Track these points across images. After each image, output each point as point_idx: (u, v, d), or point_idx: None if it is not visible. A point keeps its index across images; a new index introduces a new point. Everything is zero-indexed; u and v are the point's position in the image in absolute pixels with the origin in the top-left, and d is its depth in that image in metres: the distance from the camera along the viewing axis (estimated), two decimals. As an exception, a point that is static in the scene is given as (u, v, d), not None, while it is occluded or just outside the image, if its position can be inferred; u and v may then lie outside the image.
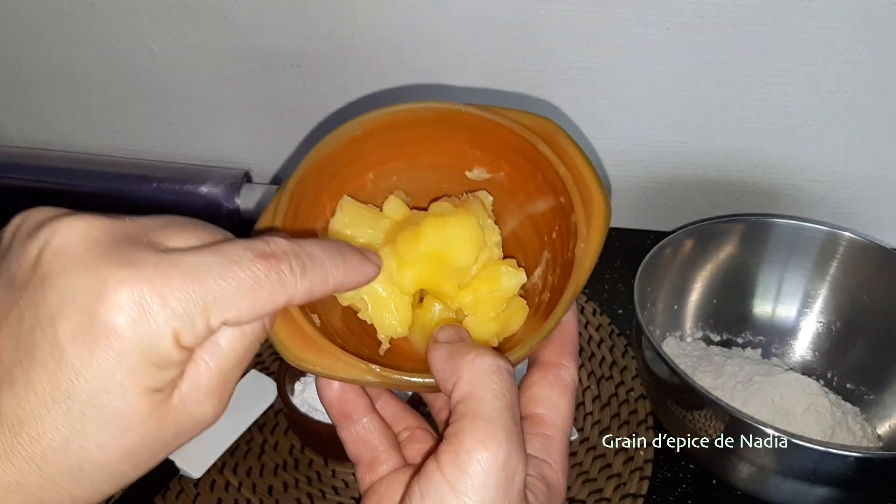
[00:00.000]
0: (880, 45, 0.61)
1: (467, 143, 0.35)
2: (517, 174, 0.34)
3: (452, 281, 0.32)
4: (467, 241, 0.32)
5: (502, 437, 0.24)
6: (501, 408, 0.24)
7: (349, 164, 0.34)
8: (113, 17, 0.68)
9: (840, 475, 0.45)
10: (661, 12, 0.61)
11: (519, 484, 0.24)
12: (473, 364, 0.25)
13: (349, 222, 0.33)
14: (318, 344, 0.28)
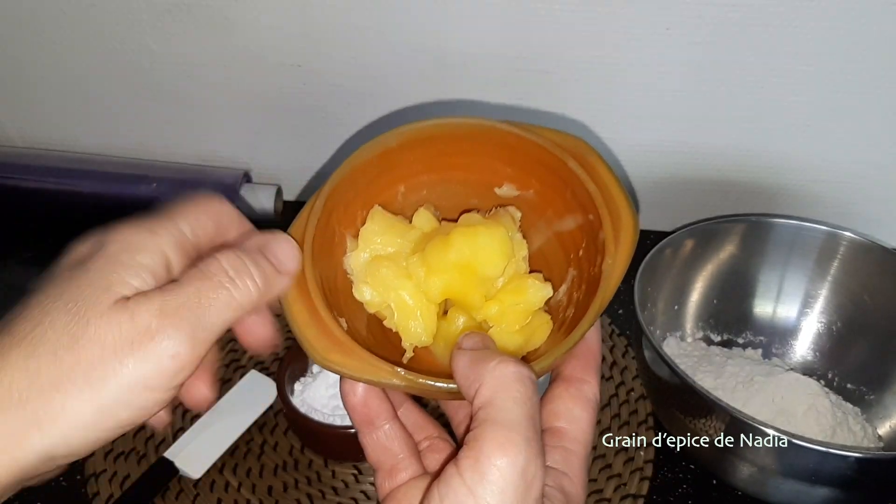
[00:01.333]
0: (880, 45, 0.61)
1: (499, 160, 0.35)
2: (546, 191, 0.35)
3: (479, 292, 0.32)
4: (496, 252, 0.32)
5: (522, 445, 0.24)
6: (523, 415, 0.24)
7: (381, 175, 0.35)
8: (113, 17, 0.68)
9: (841, 475, 0.45)
10: (661, 12, 0.61)
11: (536, 492, 0.24)
12: (496, 370, 0.25)
13: (379, 231, 0.34)
14: (345, 345, 0.28)
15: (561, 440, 0.28)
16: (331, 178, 0.33)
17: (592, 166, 0.33)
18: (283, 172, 0.78)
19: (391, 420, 0.30)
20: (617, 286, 0.30)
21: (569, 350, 0.28)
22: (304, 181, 0.78)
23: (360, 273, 0.33)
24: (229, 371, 0.60)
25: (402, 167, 0.35)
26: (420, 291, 0.32)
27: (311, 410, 0.51)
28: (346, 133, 0.74)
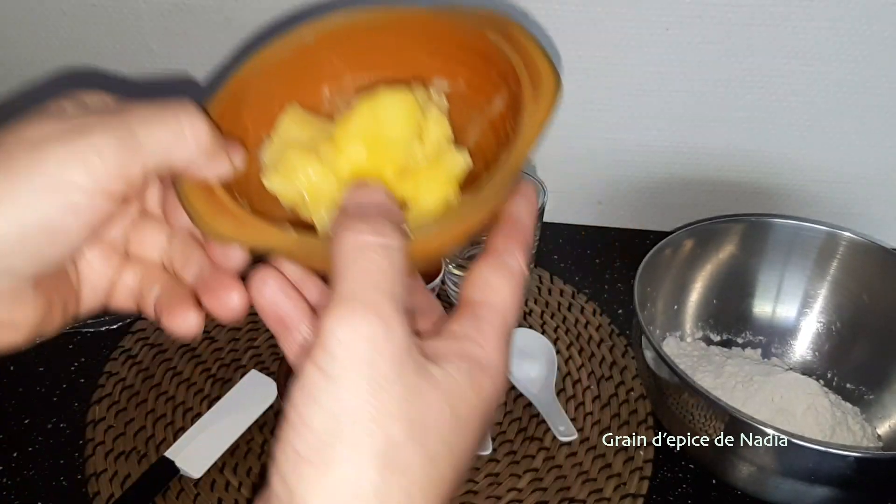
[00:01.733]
0: (880, 45, 0.61)
1: (424, 51, 0.33)
2: (474, 77, 0.33)
3: (391, 165, 0.31)
4: (400, 112, 0.30)
5: (361, 310, 0.22)
6: (367, 284, 0.23)
7: (301, 76, 0.33)
8: (113, 17, 0.68)
9: (840, 475, 0.45)
10: (661, 12, 0.61)
11: (395, 354, 0.22)
12: (342, 240, 0.24)
13: (295, 126, 0.32)
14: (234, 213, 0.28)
15: (473, 309, 0.26)
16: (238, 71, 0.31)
17: (512, 36, 0.31)
18: (283, 172, 0.78)
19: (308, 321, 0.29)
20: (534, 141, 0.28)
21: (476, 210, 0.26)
22: (305, 181, 0.78)
23: (271, 162, 0.31)
24: (230, 370, 0.60)
25: (322, 66, 0.33)
26: (330, 174, 0.30)
27: None
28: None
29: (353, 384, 0.22)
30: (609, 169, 0.73)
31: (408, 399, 0.22)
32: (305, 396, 0.22)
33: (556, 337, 0.64)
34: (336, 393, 0.22)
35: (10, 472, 0.53)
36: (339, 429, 0.22)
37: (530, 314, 0.66)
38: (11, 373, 0.60)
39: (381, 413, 0.22)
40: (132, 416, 0.56)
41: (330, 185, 0.30)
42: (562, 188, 0.74)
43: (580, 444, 0.55)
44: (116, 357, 0.60)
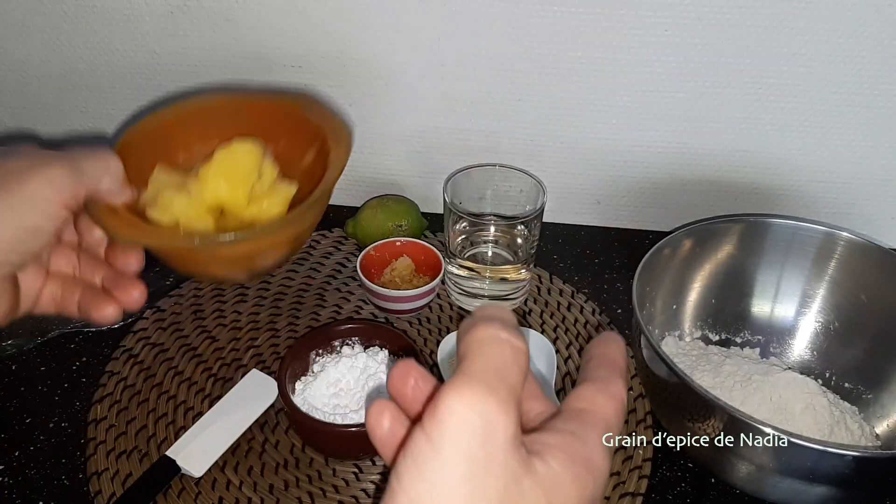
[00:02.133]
0: (878, 46, 0.61)
1: (252, 126, 0.47)
2: (291, 138, 0.48)
3: (242, 193, 0.45)
4: (247, 155, 0.46)
5: (481, 389, 0.23)
6: (489, 367, 0.24)
7: (165, 144, 0.47)
8: (115, 18, 0.68)
9: (838, 474, 0.45)
10: (660, 13, 0.61)
11: (503, 439, 0.23)
12: (478, 330, 0.25)
13: (163, 178, 0.45)
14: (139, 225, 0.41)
15: (578, 413, 0.27)
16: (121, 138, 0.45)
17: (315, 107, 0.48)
18: (283, 172, 0.78)
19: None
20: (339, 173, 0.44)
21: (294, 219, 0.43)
22: (305, 181, 0.79)
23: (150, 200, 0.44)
24: (231, 370, 0.60)
25: (179, 138, 0.47)
26: (196, 202, 0.44)
27: (311, 409, 0.52)
28: (347, 133, 0.74)
29: (458, 459, 0.22)
30: (608, 169, 0.73)
31: (507, 486, 0.22)
32: (409, 463, 0.23)
33: (555, 336, 0.64)
34: (439, 464, 0.22)
35: (11, 471, 0.53)
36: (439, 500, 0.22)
37: (530, 314, 0.66)
38: (13, 372, 0.60)
39: (479, 494, 0.22)
40: (133, 415, 0.56)
41: (197, 211, 0.44)
42: (562, 188, 0.74)
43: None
44: (118, 356, 0.61)
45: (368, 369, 0.54)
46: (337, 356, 0.56)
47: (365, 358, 0.54)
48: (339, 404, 0.52)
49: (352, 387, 0.53)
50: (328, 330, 0.57)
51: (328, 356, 0.56)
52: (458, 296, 0.67)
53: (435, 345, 0.61)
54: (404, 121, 0.72)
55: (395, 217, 0.70)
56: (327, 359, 0.56)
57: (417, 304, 0.64)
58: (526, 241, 0.65)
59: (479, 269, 0.65)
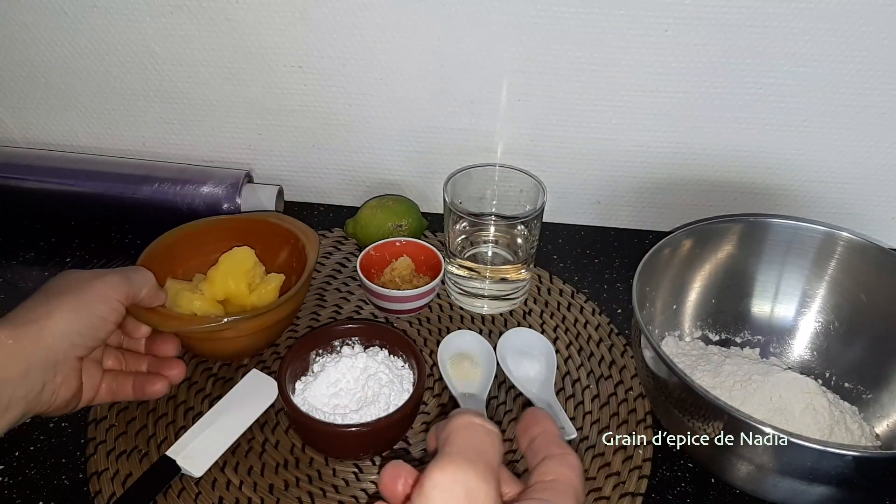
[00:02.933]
0: (877, 46, 0.61)
1: (234, 239, 0.63)
2: (265, 243, 0.63)
3: (244, 286, 0.60)
4: (246, 256, 0.61)
5: (463, 464, 0.26)
6: (466, 445, 0.27)
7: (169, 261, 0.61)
8: (115, 18, 0.68)
9: (838, 474, 0.45)
10: (660, 13, 0.61)
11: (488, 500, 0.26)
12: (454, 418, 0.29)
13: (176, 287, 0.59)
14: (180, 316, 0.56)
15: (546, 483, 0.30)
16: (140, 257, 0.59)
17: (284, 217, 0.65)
18: (284, 172, 0.78)
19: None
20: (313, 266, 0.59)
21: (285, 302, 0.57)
22: (306, 181, 0.79)
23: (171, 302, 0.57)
24: (231, 370, 0.60)
25: (178, 255, 0.62)
26: (207, 299, 0.59)
27: (311, 409, 0.52)
28: (347, 133, 0.74)
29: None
30: (608, 169, 0.73)
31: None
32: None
33: (555, 336, 0.64)
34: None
35: (11, 470, 0.53)
36: None
37: (530, 314, 0.66)
38: (13, 372, 0.60)
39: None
40: (133, 415, 0.56)
41: (210, 303, 0.59)
42: (562, 188, 0.74)
43: (579, 443, 0.55)
44: (118, 356, 0.61)
45: (368, 369, 0.54)
46: (337, 356, 0.56)
47: (365, 358, 0.54)
48: (339, 404, 0.52)
49: (352, 387, 0.53)
50: (328, 330, 0.57)
51: (328, 356, 0.56)
52: (458, 296, 0.67)
53: (435, 345, 0.61)
54: (404, 121, 0.72)
55: (395, 217, 0.70)
56: (327, 359, 0.56)
57: (417, 304, 0.64)
58: (526, 241, 0.65)
59: (479, 269, 0.65)
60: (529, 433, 0.33)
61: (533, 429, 0.33)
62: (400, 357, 0.56)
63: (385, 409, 0.51)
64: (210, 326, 0.54)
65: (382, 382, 0.53)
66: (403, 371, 0.55)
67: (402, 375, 0.54)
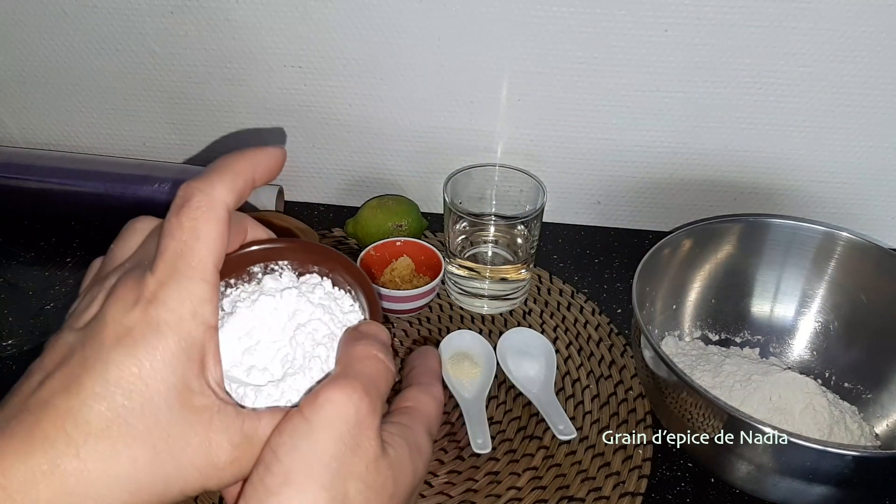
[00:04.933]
0: (878, 46, 0.61)
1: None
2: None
3: None
4: None
5: (358, 388, 0.27)
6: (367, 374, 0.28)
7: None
8: (115, 18, 0.68)
9: (838, 474, 0.45)
10: (660, 13, 0.61)
11: (371, 431, 0.26)
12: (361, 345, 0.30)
13: None
14: None
15: (407, 410, 0.31)
16: None
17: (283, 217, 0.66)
18: (284, 172, 0.78)
19: None
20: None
21: None
22: (306, 181, 0.79)
23: None
24: (231, 370, 0.60)
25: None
26: None
27: None
28: (347, 133, 0.74)
29: (332, 438, 0.26)
30: (608, 169, 0.73)
31: (368, 465, 0.26)
32: (286, 438, 0.26)
33: (555, 336, 0.64)
34: (314, 441, 0.26)
35: (12, 470, 0.53)
36: (308, 471, 0.25)
37: (530, 313, 0.66)
38: (13, 372, 0.60)
39: (347, 470, 0.26)
40: (133, 415, 0.56)
41: None
42: (562, 188, 0.74)
43: (579, 443, 0.55)
44: (118, 356, 0.60)
45: (299, 315, 0.34)
46: (255, 290, 0.35)
47: (295, 296, 0.35)
48: (256, 366, 0.33)
49: (276, 338, 0.34)
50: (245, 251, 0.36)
51: (243, 288, 0.36)
52: (458, 296, 0.67)
53: (435, 345, 0.61)
54: (404, 121, 0.72)
55: (395, 217, 0.70)
56: (242, 293, 0.35)
57: (417, 304, 0.64)
58: (526, 241, 0.65)
59: (479, 269, 0.65)
60: (411, 363, 0.34)
61: (415, 360, 0.34)
62: (348, 293, 0.36)
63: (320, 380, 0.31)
64: None
65: (318, 338, 0.33)
66: (351, 316, 0.35)
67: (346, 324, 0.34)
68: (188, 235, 0.26)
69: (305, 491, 0.25)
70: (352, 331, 0.32)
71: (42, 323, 0.63)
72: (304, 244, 0.37)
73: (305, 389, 0.31)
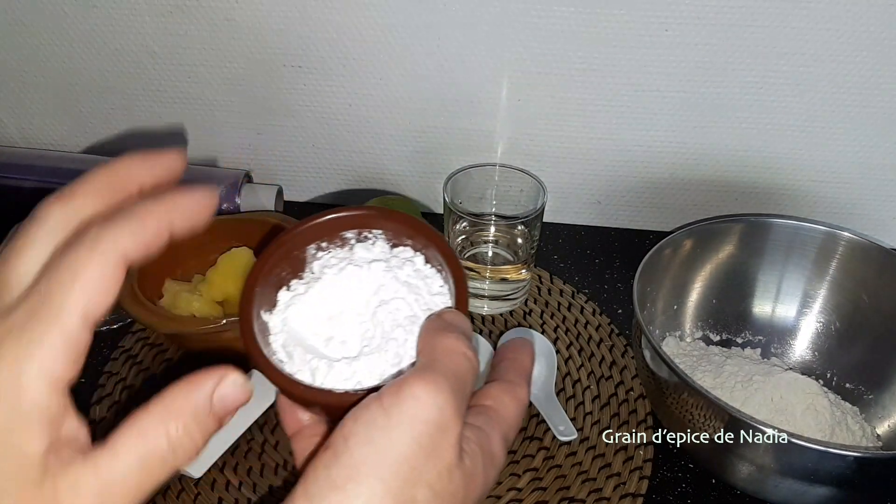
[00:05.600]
0: (879, 46, 0.61)
1: (233, 240, 0.62)
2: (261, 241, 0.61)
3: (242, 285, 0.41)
4: (246, 257, 0.60)
5: (447, 388, 0.25)
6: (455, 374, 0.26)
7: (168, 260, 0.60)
8: (114, 18, 0.68)
9: (839, 475, 0.45)
10: (660, 12, 0.61)
11: (453, 438, 0.25)
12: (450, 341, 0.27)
13: (175, 288, 0.59)
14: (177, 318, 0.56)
15: (486, 411, 0.29)
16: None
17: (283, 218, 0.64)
18: (283, 172, 0.78)
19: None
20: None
21: None
22: (306, 181, 0.79)
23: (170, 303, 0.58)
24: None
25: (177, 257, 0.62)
26: (206, 300, 0.58)
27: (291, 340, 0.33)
28: (347, 133, 0.74)
29: (410, 439, 0.24)
30: (609, 169, 0.73)
31: (441, 473, 0.25)
32: (360, 427, 0.24)
33: (555, 337, 0.64)
34: (391, 439, 0.24)
35: (10, 471, 0.53)
36: (379, 471, 0.24)
37: (530, 314, 0.66)
38: (12, 372, 0.60)
39: (419, 475, 0.24)
40: (133, 416, 0.56)
41: (209, 305, 0.58)
42: (562, 188, 0.74)
43: (580, 444, 0.55)
44: (117, 357, 0.60)
45: (383, 291, 0.32)
46: (346, 257, 0.34)
47: (382, 270, 0.33)
48: (336, 337, 0.32)
49: (360, 311, 0.32)
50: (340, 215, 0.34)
51: (335, 253, 0.35)
52: (459, 296, 0.67)
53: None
54: (404, 121, 0.72)
55: (395, 217, 0.69)
56: (332, 258, 0.34)
57: (417, 304, 0.63)
58: (526, 241, 0.65)
59: (479, 269, 0.65)
60: (502, 354, 0.32)
61: (507, 352, 0.33)
62: (439, 273, 0.34)
63: (395, 363, 0.30)
64: (209, 328, 0.54)
65: (398, 318, 0.31)
66: (438, 299, 0.32)
67: (433, 308, 0.32)
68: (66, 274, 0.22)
69: (372, 492, 0.23)
70: (436, 318, 0.29)
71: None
72: (400, 215, 0.34)
73: (378, 373, 0.29)
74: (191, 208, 0.25)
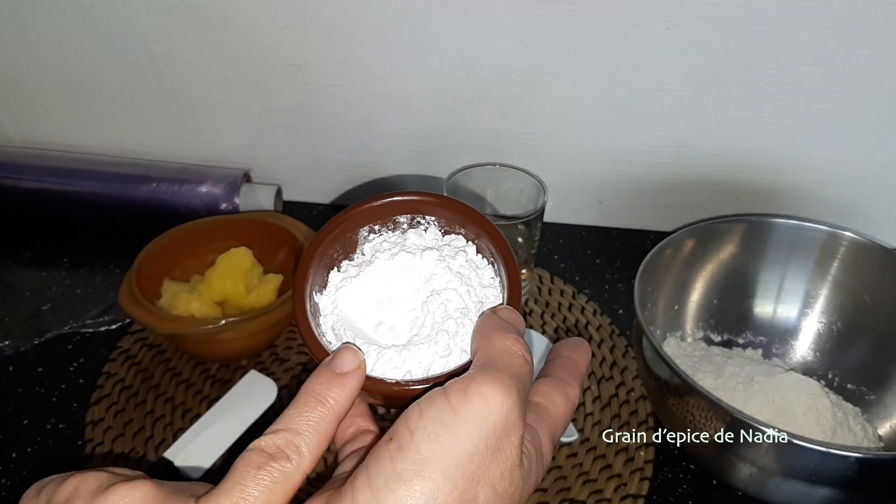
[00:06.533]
0: (880, 45, 0.61)
1: (232, 240, 0.62)
2: (263, 242, 0.63)
3: (241, 287, 0.59)
4: (245, 257, 0.60)
5: (514, 390, 0.25)
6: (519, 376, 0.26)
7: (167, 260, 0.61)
8: (113, 17, 0.68)
9: (841, 476, 0.44)
10: (661, 12, 0.61)
11: (516, 440, 0.25)
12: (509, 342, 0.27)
13: (174, 289, 0.59)
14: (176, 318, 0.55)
15: (536, 408, 0.29)
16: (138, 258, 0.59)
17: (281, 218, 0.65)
18: (283, 172, 0.78)
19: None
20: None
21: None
22: (304, 181, 0.78)
23: (168, 304, 0.58)
24: (229, 371, 0.60)
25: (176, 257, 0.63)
26: (205, 300, 0.58)
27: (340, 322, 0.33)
28: (347, 133, 0.74)
29: (476, 438, 0.24)
30: (609, 169, 0.73)
31: (503, 474, 0.25)
32: (427, 423, 0.24)
33: (556, 337, 0.64)
34: (458, 437, 0.24)
35: (8, 472, 0.52)
36: (445, 468, 0.24)
37: (530, 314, 0.66)
38: (10, 373, 0.59)
39: (482, 474, 0.24)
40: (131, 417, 0.56)
41: (208, 305, 0.58)
42: (562, 188, 0.74)
43: (580, 445, 0.55)
44: (115, 357, 0.60)
45: (435, 280, 0.32)
46: (399, 242, 0.34)
47: (434, 258, 0.32)
48: (385, 323, 0.32)
49: (409, 299, 0.32)
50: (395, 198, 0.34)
51: (387, 236, 0.34)
52: (459, 296, 0.66)
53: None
54: (404, 121, 0.72)
55: (394, 217, 0.69)
56: (384, 242, 0.34)
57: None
58: (527, 241, 0.65)
59: (479, 270, 0.64)
60: (557, 351, 0.32)
61: (562, 349, 0.32)
62: (491, 264, 0.33)
63: (444, 355, 0.30)
64: (208, 328, 0.54)
65: (449, 309, 0.31)
66: (489, 291, 0.32)
67: (484, 301, 0.32)
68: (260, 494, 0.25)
69: (438, 488, 0.24)
70: (493, 316, 0.29)
71: (39, 323, 0.63)
72: (455, 203, 0.34)
73: (428, 364, 0.30)
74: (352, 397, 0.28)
